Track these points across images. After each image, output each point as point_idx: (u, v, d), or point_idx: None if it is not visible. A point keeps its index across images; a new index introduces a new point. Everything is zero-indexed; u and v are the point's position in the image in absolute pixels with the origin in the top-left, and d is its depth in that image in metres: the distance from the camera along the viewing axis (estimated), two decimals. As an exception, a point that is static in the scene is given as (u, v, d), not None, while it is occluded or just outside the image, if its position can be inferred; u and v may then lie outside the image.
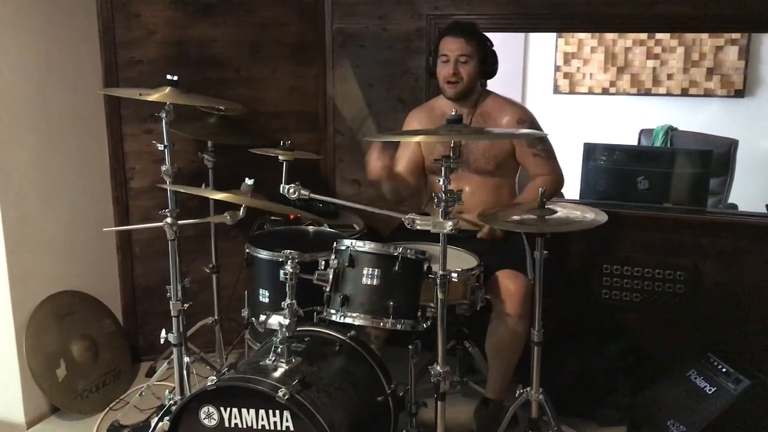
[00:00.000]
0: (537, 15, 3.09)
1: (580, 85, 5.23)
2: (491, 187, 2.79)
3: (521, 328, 2.49)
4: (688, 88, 4.96)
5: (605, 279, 3.13)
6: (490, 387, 2.72)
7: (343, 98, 3.42)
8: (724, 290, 2.97)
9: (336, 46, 3.39)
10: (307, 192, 2.20)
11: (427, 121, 2.83)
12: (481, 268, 2.39)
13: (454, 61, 2.66)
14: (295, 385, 1.92)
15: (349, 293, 2.14)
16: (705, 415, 2.55)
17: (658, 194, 3.20)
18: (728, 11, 2.83)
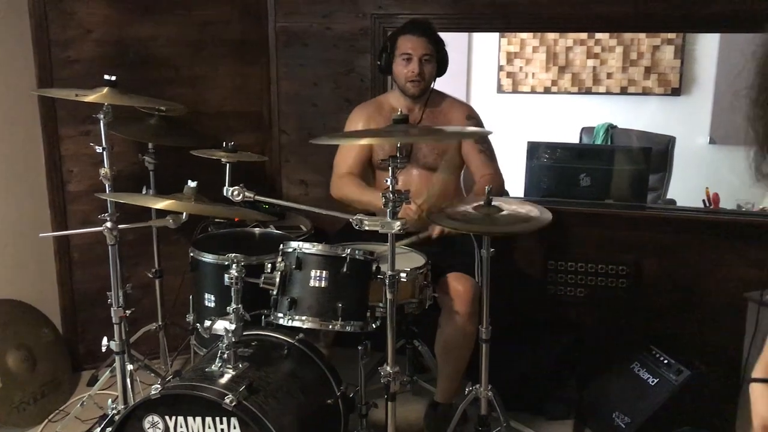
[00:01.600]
0: (480, 15, 3.12)
1: (523, 85, 5.31)
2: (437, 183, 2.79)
3: (470, 329, 2.50)
4: (627, 87, 5.08)
5: (550, 275, 3.18)
6: (439, 389, 2.72)
7: None
8: (664, 283, 3.06)
9: (279, 44, 3.36)
10: (251, 194, 2.16)
11: (377, 117, 2.82)
12: (429, 266, 2.40)
13: (419, 60, 2.67)
14: (242, 391, 1.89)
15: (296, 296, 2.11)
16: (648, 406, 2.61)
17: (600, 191, 3.26)
18: (663, 12, 2.91)
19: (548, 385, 2.90)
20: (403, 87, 2.73)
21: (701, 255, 2.99)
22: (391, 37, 2.77)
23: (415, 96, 2.73)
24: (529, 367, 2.90)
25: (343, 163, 2.84)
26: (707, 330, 2.94)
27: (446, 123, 2.76)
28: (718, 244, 2.97)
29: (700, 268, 3.00)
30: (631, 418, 2.62)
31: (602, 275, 3.11)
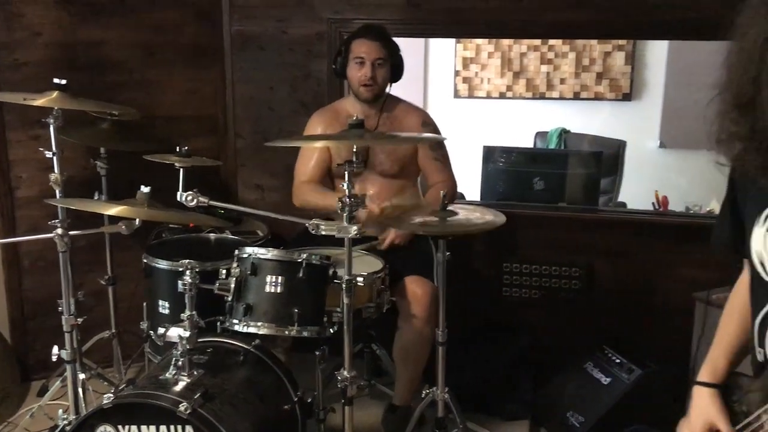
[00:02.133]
0: (435, 21, 3.15)
1: (479, 90, 5.36)
2: (394, 189, 2.80)
3: (428, 332, 2.52)
4: (579, 92, 5.18)
5: (506, 277, 3.22)
6: (397, 393, 2.74)
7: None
8: (616, 285, 3.12)
9: (235, 48, 3.33)
10: (205, 199, 2.14)
11: (334, 123, 2.82)
12: (386, 270, 2.41)
13: (371, 64, 2.67)
14: (197, 399, 1.86)
15: (252, 302, 2.10)
16: (602, 405, 2.67)
17: (554, 194, 3.32)
18: (614, 19, 2.98)
19: (504, 386, 2.94)
20: (356, 91, 2.74)
21: (651, 256, 3.07)
22: (345, 42, 2.77)
23: (368, 100, 2.74)
24: (485, 368, 2.93)
25: (303, 171, 2.83)
26: (658, 329, 3.01)
27: (402, 129, 2.78)
28: (668, 246, 3.05)
29: (650, 269, 3.08)
30: (584, 417, 2.67)
31: (556, 277, 3.16)
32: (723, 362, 1.39)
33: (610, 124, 4.95)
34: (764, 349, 1.25)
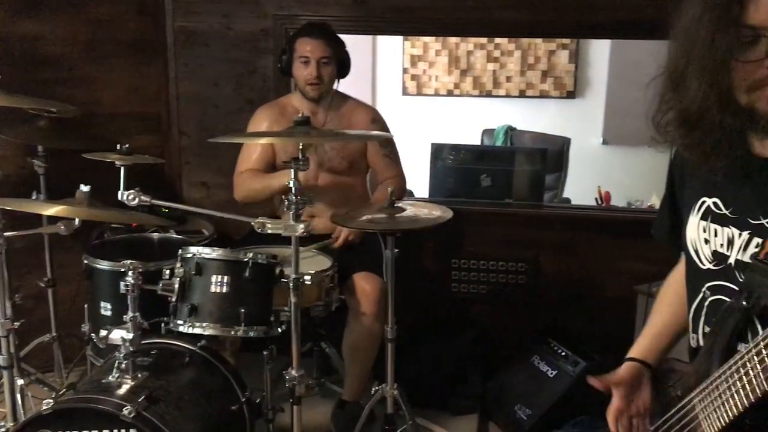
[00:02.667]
0: (382, 18, 3.15)
1: (427, 87, 5.39)
2: (343, 186, 2.80)
3: (377, 328, 2.52)
4: (525, 90, 5.26)
5: (454, 273, 3.25)
6: (347, 388, 2.74)
7: None
8: (561, 279, 3.18)
9: (178, 44, 3.27)
10: (148, 198, 2.10)
11: (280, 119, 2.79)
12: (335, 268, 2.40)
13: (316, 63, 2.65)
14: (141, 402, 1.83)
15: (197, 302, 2.07)
16: (548, 397, 2.72)
17: (500, 191, 3.36)
18: (558, 18, 3.03)
19: (453, 381, 2.96)
20: (303, 90, 2.72)
21: (594, 250, 3.14)
22: (289, 40, 2.75)
23: (315, 99, 2.72)
24: (434, 364, 2.95)
25: (244, 163, 2.80)
26: (601, 322, 3.08)
27: (350, 126, 2.77)
28: (610, 240, 3.13)
29: (593, 263, 3.15)
30: (531, 410, 2.71)
31: (503, 272, 3.21)
32: (650, 342, 1.46)
33: (555, 122, 5.05)
34: (697, 334, 1.29)
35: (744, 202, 1.20)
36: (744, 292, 1.15)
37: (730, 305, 1.19)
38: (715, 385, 1.18)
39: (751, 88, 1.08)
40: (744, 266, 1.17)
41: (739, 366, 1.11)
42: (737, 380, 1.12)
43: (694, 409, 1.26)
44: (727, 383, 1.15)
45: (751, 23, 1.06)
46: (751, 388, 1.08)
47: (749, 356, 1.08)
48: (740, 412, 1.12)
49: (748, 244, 1.17)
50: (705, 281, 1.27)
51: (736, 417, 1.14)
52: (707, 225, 1.26)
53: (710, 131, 1.15)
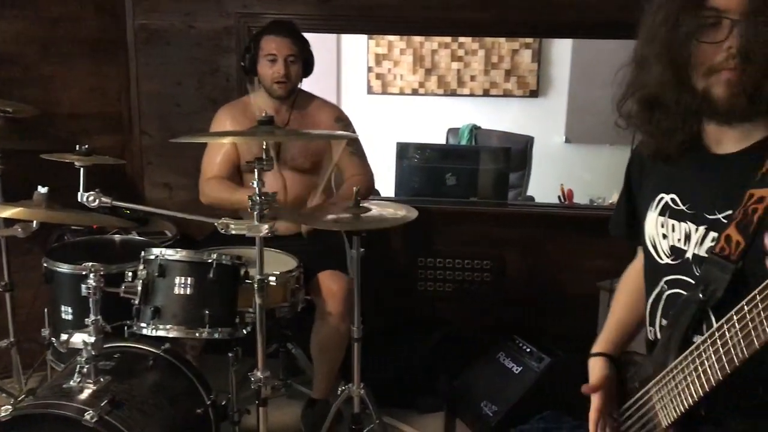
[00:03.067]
0: (346, 17, 3.14)
1: (392, 86, 5.40)
2: (308, 185, 2.79)
3: (345, 327, 2.52)
4: (489, 89, 5.30)
5: (420, 272, 3.26)
6: (316, 387, 2.73)
7: None
8: (526, 276, 3.22)
9: (139, 43, 3.22)
10: (108, 199, 2.06)
11: (242, 119, 2.76)
12: (300, 269, 2.39)
13: (284, 61, 2.64)
14: (104, 406, 1.79)
15: (160, 305, 2.04)
16: (513, 394, 2.74)
17: (466, 190, 3.39)
18: (520, 18, 3.07)
19: (420, 379, 2.97)
20: (269, 88, 2.70)
21: (558, 248, 3.19)
22: (254, 38, 2.73)
23: (282, 97, 2.71)
24: (401, 362, 2.96)
25: (209, 167, 2.77)
26: (565, 318, 3.12)
27: (314, 125, 2.76)
28: (573, 238, 3.17)
29: (557, 260, 3.19)
30: (498, 407, 2.73)
31: (468, 270, 3.23)
32: (613, 335, 1.49)
33: (519, 121, 5.10)
34: (654, 327, 1.32)
35: (700, 198, 1.23)
36: (700, 285, 1.18)
37: (687, 298, 1.22)
38: (672, 376, 1.21)
39: (709, 71, 1.11)
40: (700, 260, 1.20)
41: (695, 356, 1.14)
42: (693, 370, 1.14)
43: (651, 399, 1.29)
44: (683, 374, 1.18)
45: (714, 5, 1.08)
46: (706, 378, 1.11)
47: (704, 347, 1.11)
48: (695, 401, 1.15)
49: (704, 239, 1.20)
50: (663, 275, 1.30)
51: (691, 406, 1.17)
52: (665, 221, 1.29)
53: (668, 112, 1.18)
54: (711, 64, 1.10)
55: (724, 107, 1.11)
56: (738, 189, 1.14)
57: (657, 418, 1.27)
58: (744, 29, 1.05)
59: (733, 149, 1.18)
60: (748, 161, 1.14)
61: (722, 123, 1.17)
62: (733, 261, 1.13)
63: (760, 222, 1.10)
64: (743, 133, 1.15)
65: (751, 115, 1.11)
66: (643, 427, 1.32)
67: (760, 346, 0.98)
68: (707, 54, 1.10)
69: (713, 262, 1.17)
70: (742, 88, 1.08)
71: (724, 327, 1.05)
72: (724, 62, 1.08)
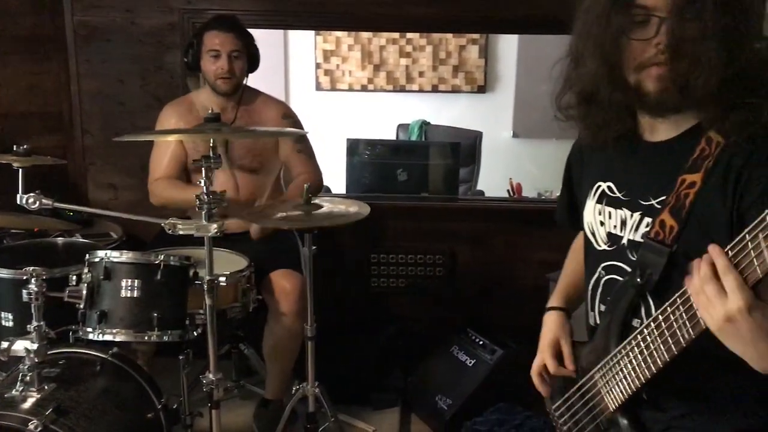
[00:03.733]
0: (292, 12, 3.11)
1: (341, 82, 5.37)
2: (256, 183, 2.75)
3: (298, 326, 2.49)
4: (437, 85, 5.32)
5: (373, 268, 3.26)
6: (269, 387, 2.70)
7: None
8: (477, 269, 3.25)
9: (79, 40, 3.13)
10: (50, 201, 2.00)
11: (188, 116, 2.71)
12: (251, 268, 2.36)
13: (228, 57, 2.59)
14: (48, 415, 1.74)
15: (106, 308, 1.98)
16: (467, 386, 2.76)
17: (417, 185, 3.40)
18: (467, 14, 3.09)
19: (375, 375, 2.97)
20: (213, 84, 2.65)
21: (508, 241, 3.23)
22: (196, 34, 2.67)
23: (227, 93, 2.66)
24: (356, 359, 2.95)
25: (157, 167, 2.71)
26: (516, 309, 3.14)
27: (261, 122, 2.73)
28: (523, 230, 3.22)
29: (507, 252, 3.23)
30: (452, 400, 2.75)
31: (421, 265, 3.24)
32: (567, 293, 1.55)
33: (467, 116, 5.13)
34: (594, 312, 1.36)
35: (635, 184, 1.27)
36: (637, 270, 1.22)
37: (624, 283, 1.26)
38: (617, 360, 1.24)
39: (639, 66, 1.14)
40: (636, 245, 1.24)
41: (639, 340, 1.17)
42: (638, 354, 1.18)
43: (596, 385, 1.32)
44: (627, 358, 1.21)
45: (642, 3, 1.11)
46: (653, 360, 1.14)
47: (648, 330, 1.14)
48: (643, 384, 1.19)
49: (639, 225, 1.24)
50: (601, 261, 1.34)
51: (638, 389, 1.20)
52: (602, 208, 1.33)
53: (602, 107, 1.21)
54: (641, 60, 1.14)
55: (655, 101, 1.15)
56: (671, 175, 1.18)
57: (603, 403, 1.30)
58: (671, 26, 1.09)
59: (666, 137, 1.22)
60: (680, 148, 1.18)
61: (654, 115, 1.20)
62: (668, 245, 1.17)
63: (692, 206, 1.14)
64: (675, 122, 1.19)
65: (680, 107, 1.16)
66: (590, 412, 1.35)
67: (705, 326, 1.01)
68: (637, 50, 1.13)
69: (648, 246, 1.20)
70: (671, 82, 1.12)
71: (668, 310, 1.08)
72: (653, 58, 1.12)
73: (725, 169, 1.11)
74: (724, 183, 1.11)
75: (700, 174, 1.14)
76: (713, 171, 1.12)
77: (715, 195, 1.12)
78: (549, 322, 1.51)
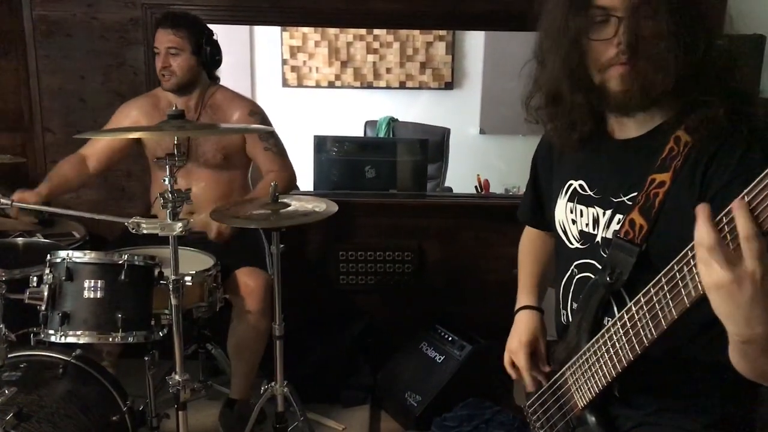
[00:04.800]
0: (256, 8, 3.08)
1: (308, 79, 5.34)
2: (222, 181, 2.72)
3: (263, 325, 2.48)
4: (405, 81, 5.32)
5: (342, 265, 3.25)
6: (234, 387, 2.67)
7: None
8: (445, 266, 3.26)
9: (38, 35, 3.05)
10: (7, 200, 1.95)
11: (153, 112, 2.67)
12: (217, 267, 2.33)
13: (164, 54, 2.56)
14: (9, 420, 1.70)
15: (69, 310, 1.94)
16: (437, 382, 2.77)
17: (385, 182, 3.39)
18: (434, 10, 3.08)
19: (343, 373, 2.96)
20: (161, 82, 2.63)
21: (476, 237, 3.24)
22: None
23: (171, 91, 2.62)
24: (324, 357, 2.94)
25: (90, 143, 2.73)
26: (484, 305, 3.17)
27: (227, 119, 2.69)
28: (490, 226, 3.23)
29: (475, 248, 3.24)
30: (421, 396, 2.76)
31: (389, 261, 3.24)
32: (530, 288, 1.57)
33: (435, 113, 5.14)
34: (566, 311, 1.36)
35: (606, 182, 1.27)
36: (607, 269, 1.22)
37: (595, 282, 1.26)
38: (585, 358, 1.25)
39: (603, 67, 1.15)
40: (608, 243, 1.24)
41: (606, 339, 1.18)
42: (605, 352, 1.19)
43: (567, 382, 1.33)
44: (595, 356, 1.22)
45: (600, 4, 1.12)
46: (618, 359, 1.16)
47: (614, 329, 1.15)
48: (608, 382, 1.20)
49: (611, 222, 1.25)
50: (573, 260, 1.34)
51: (604, 387, 1.21)
52: (574, 206, 1.33)
53: (568, 108, 1.22)
54: (603, 60, 1.15)
55: (620, 100, 1.16)
56: (640, 172, 1.19)
57: (573, 400, 1.31)
58: (630, 25, 1.10)
59: (635, 134, 1.23)
60: (649, 146, 1.19)
61: (620, 114, 1.21)
62: (638, 244, 1.17)
63: (661, 205, 1.15)
64: (642, 120, 1.20)
65: (645, 106, 1.16)
66: (560, 409, 1.36)
67: (667, 326, 1.02)
68: (599, 51, 1.14)
69: (618, 246, 1.21)
70: (634, 80, 1.13)
71: (633, 309, 1.09)
72: (615, 58, 1.13)
73: (692, 167, 1.12)
74: (692, 180, 1.12)
75: (669, 173, 1.14)
76: (681, 170, 1.13)
77: (683, 192, 1.13)
78: (526, 320, 1.51)
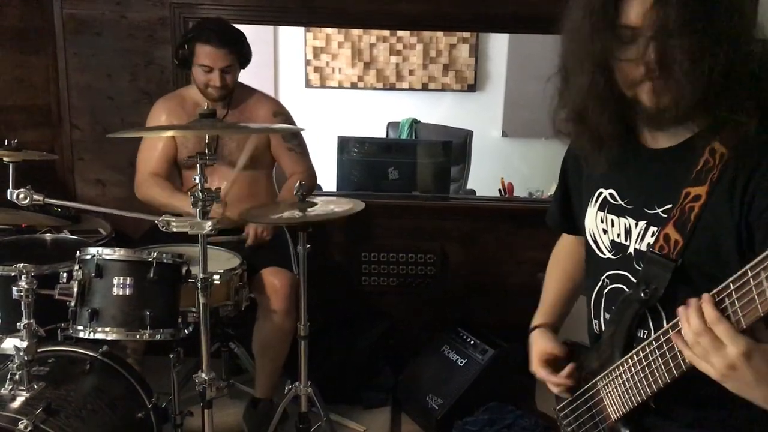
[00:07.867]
0: (283, 8, 3.09)
1: (331, 80, 5.34)
2: (248, 181, 2.73)
3: (288, 324, 2.48)
4: (428, 83, 5.31)
5: (364, 267, 3.25)
6: (258, 386, 2.68)
7: None
8: (468, 268, 3.25)
9: (68, 33, 3.08)
10: (40, 196, 1.96)
11: (180, 112, 2.68)
12: (244, 266, 2.34)
13: (219, 72, 2.55)
14: (39, 414, 1.72)
15: (98, 306, 1.95)
16: (458, 386, 2.76)
17: (407, 183, 3.39)
18: (458, 12, 3.08)
19: (365, 374, 2.96)
20: (203, 92, 2.61)
21: (499, 240, 3.22)
22: (188, 40, 2.58)
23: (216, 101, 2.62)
24: (346, 358, 2.94)
25: (146, 163, 2.68)
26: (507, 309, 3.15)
27: (252, 119, 2.70)
28: (513, 230, 3.22)
29: (498, 252, 3.23)
30: (443, 399, 2.75)
31: (412, 264, 3.23)
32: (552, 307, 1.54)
33: (457, 115, 5.12)
34: (599, 321, 1.34)
35: (638, 192, 1.25)
36: (642, 284, 1.20)
37: (629, 296, 1.24)
38: (619, 372, 1.23)
39: (632, 84, 1.12)
40: (642, 255, 1.22)
41: (641, 357, 1.16)
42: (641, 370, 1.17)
43: (599, 393, 1.31)
44: (630, 372, 1.20)
45: (627, 23, 1.09)
46: (654, 379, 1.14)
47: (651, 349, 1.13)
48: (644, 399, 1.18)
49: (645, 234, 1.22)
50: (604, 270, 1.32)
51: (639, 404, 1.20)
52: (604, 215, 1.31)
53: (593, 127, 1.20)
54: (633, 77, 1.11)
55: (653, 113, 1.13)
56: (674, 184, 1.17)
57: (606, 411, 1.30)
58: (659, 44, 1.07)
59: (667, 144, 1.20)
60: (683, 157, 1.17)
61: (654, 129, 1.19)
62: (673, 259, 1.15)
63: (697, 220, 1.13)
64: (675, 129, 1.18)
65: (679, 119, 1.13)
66: (593, 418, 1.34)
67: None
68: (628, 70, 1.11)
69: (653, 260, 1.19)
70: (666, 96, 1.09)
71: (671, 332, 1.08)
72: (645, 75, 1.10)
73: (731, 182, 1.10)
74: (730, 196, 1.10)
75: (704, 187, 1.12)
76: (718, 184, 1.11)
77: (721, 208, 1.10)
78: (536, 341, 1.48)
